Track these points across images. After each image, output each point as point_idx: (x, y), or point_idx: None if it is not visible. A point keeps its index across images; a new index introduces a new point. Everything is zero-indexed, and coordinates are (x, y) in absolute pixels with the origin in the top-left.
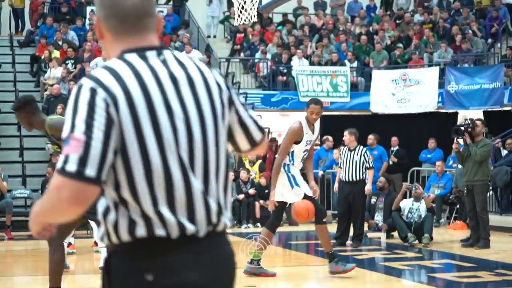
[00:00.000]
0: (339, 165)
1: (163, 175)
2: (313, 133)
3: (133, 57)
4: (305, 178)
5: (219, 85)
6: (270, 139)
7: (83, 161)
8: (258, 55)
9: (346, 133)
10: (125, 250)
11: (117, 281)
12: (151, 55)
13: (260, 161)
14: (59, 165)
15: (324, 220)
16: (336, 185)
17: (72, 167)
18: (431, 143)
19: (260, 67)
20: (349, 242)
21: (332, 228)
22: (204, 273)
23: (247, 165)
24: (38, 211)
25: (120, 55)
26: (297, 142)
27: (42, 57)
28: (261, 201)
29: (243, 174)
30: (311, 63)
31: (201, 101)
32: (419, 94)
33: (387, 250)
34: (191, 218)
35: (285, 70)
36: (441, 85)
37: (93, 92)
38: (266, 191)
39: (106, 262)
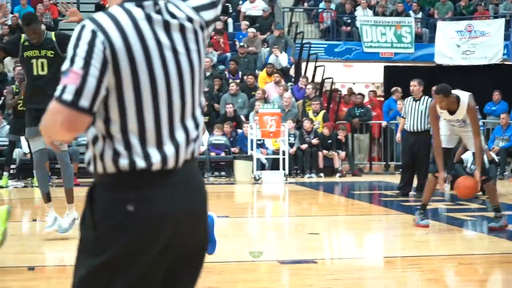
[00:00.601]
0: (402, 116)
1: (153, 115)
2: (452, 114)
3: (131, 6)
4: None
5: (202, 28)
6: (333, 90)
7: (78, 92)
8: (322, 5)
9: (415, 83)
10: (109, 182)
11: (99, 210)
12: (148, 4)
13: (324, 111)
14: (57, 93)
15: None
16: (398, 135)
17: (68, 96)
18: (496, 95)
19: (324, 17)
20: (412, 192)
21: (396, 179)
22: (180, 204)
23: (311, 115)
24: (42, 128)
25: (120, 3)
26: None
27: (107, 5)
28: (324, 151)
29: (306, 124)
30: (375, 14)
31: (190, 46)
32: (484, 46)
33: (451, 201)
34: (175, 156)
35: (349, 20)
36: (507, 37)
37: (93, 34)
38: (329, 141)
39: (90, 191)
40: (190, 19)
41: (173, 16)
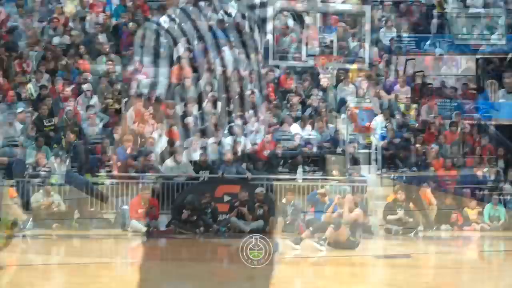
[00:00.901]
0: None
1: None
2: None
3: (187, 6)
4: None
5: (257, 25)
6: (424, 83)
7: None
8: None
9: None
10: None
11: None
12: (204, 5)
13: (415, 105)
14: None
15: None
16: None
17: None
18: None
19: (413, 10)
20: None
21: None
22: None
23: (402, 109)
24: None
25: (177, 4)
26: None
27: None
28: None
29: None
30: (466, 6)
31: (247, 43)
32: None
33: None
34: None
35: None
36: None
37: (157, 33)
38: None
39: None
40: (244, 16)
41: (228, 14)
